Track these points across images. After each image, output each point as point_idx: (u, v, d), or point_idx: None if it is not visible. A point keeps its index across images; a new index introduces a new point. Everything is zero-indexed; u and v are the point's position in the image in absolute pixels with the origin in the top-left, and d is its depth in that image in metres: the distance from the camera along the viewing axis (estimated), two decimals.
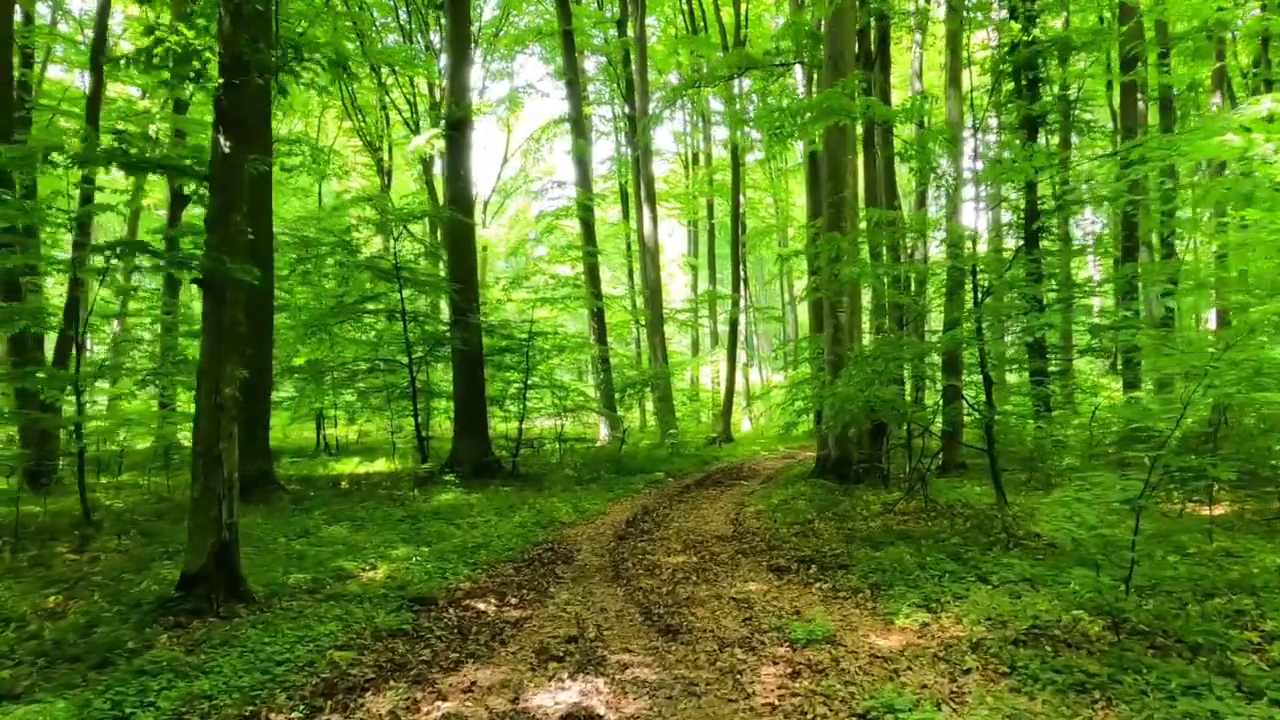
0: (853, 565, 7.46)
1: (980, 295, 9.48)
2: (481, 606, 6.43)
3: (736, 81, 25.67)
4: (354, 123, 27.17)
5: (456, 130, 16.11)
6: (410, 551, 8.31)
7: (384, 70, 25.43)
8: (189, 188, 7.09)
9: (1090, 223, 27.44)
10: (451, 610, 6.33)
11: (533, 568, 8.01)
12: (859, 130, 18.36)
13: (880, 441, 13.92)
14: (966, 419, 13.52)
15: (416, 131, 25.32)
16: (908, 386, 15.93)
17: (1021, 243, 14.88)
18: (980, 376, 14.31)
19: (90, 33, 18.63)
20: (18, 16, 16.45)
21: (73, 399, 11.05)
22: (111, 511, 11.16)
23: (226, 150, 5.94)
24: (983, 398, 9.93)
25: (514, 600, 6.66)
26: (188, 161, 6.16)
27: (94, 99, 15.33)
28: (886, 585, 6.69)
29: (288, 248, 16.24)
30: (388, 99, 26.90)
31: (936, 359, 13.76)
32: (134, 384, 14.31)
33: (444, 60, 18.67)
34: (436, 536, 9.21)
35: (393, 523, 10.07)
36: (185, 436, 15.51)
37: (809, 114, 9.98)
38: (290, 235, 16.74)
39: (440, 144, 16.94)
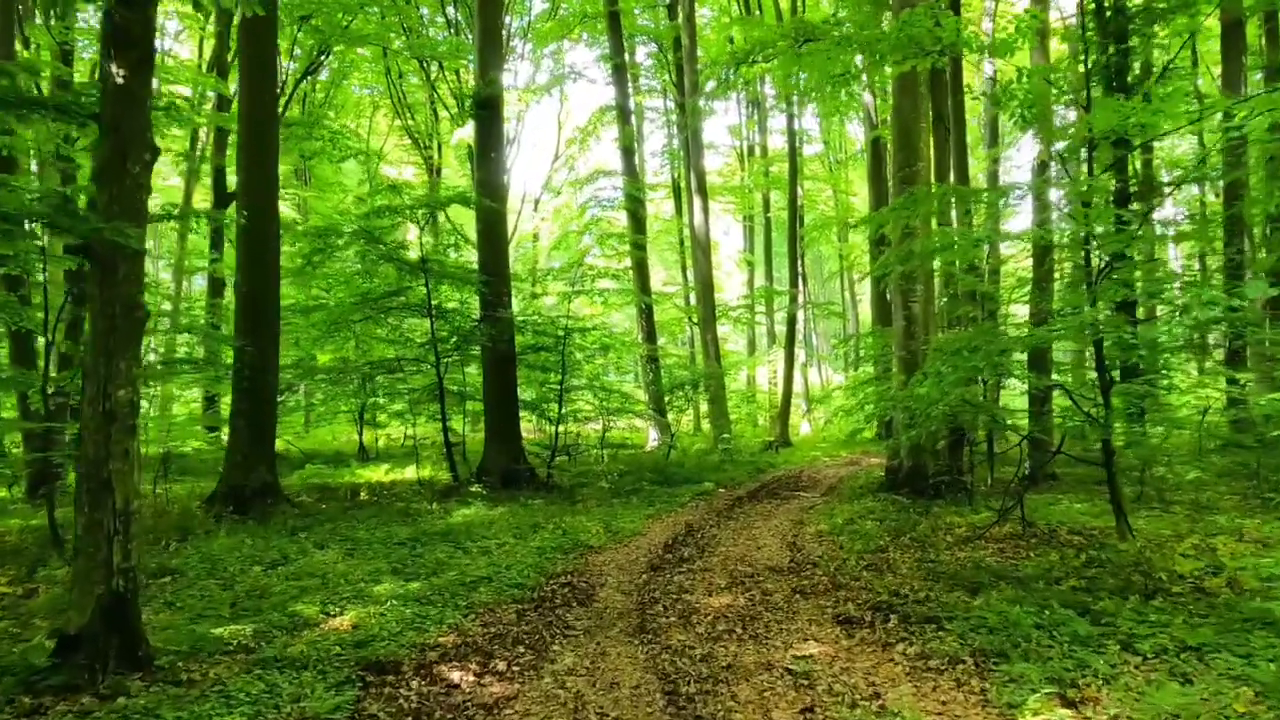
0: (945, 618, 5.75)
1: (1098, 273, 7.65)
2: (456, 676, 4.90)
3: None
4: (402, 120, 26.56)
5: (486, 109, 14.79)
6: (395, 587, 6.85)
7: (432, 67, 24.72)
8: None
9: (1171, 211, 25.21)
10: (415, 682, 4.81)
11: (540, 612, 6.48)
12: (929, 108, 16.58)
13: (960, 451, 12.16)
14: (1061, 423, 11.75)
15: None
16: (984, 388, 14.20)
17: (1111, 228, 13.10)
18: (1064, 375, 12.55)
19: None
20: None
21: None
22: None
23: (120, 80, 4.55)
24: (1099, 400, 8.07)
25: (501, 665, 5.12)
26: (76, 99, 4.82)
27: None
28: (996, 654, 4.98)
29: (305, 239, 15.09)
30: (434, 94, 26.10)
31: (1022, 356, 12.02)
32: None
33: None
34: (434, 566, 7.76)
35: (391, 546, 8.66)
36: (189, 444, 14.47)
37: (884, 46, 8.21)
38: (308, 227, 15.61)
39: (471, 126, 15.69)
